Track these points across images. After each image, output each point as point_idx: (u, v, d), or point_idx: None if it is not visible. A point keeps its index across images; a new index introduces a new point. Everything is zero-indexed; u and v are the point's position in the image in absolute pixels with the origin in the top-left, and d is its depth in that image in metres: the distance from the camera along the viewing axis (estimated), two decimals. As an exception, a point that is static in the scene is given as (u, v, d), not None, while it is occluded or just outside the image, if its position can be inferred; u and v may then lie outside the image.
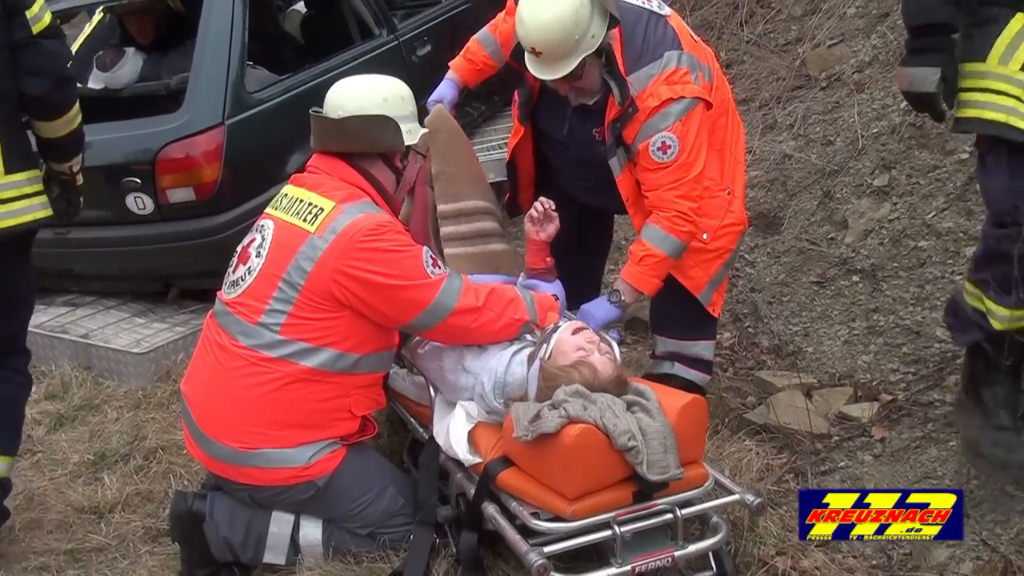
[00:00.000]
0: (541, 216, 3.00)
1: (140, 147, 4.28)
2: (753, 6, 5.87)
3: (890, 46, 4.85)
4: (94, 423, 3.87)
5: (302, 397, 2.62)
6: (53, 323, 4.58)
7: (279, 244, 2.66)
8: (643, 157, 2.96)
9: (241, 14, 4.45)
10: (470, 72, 3.50)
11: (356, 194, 2.69)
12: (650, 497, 2.40)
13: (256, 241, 2.75)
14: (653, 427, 2.37)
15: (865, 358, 3.74)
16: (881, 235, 4.14)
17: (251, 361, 2.61)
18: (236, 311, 2.68)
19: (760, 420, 3.45)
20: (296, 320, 2.59)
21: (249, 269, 2.70)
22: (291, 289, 2.59)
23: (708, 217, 3.10)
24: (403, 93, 2.84)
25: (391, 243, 2.60)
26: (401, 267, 2.59)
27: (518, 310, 2.77)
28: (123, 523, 3.18)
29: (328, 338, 2.61)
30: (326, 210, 2.62)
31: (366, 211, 2.63)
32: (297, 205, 2.70)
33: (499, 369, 2.66)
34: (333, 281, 2.56)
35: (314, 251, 2.57)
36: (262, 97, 4.46)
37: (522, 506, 2.43)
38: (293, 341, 2.59)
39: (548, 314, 2.85)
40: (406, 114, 2.81)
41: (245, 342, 2.63)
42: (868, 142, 4.51)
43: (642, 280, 3.04)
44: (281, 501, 2.72)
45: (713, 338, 3.43)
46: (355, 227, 2.57)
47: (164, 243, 4.36)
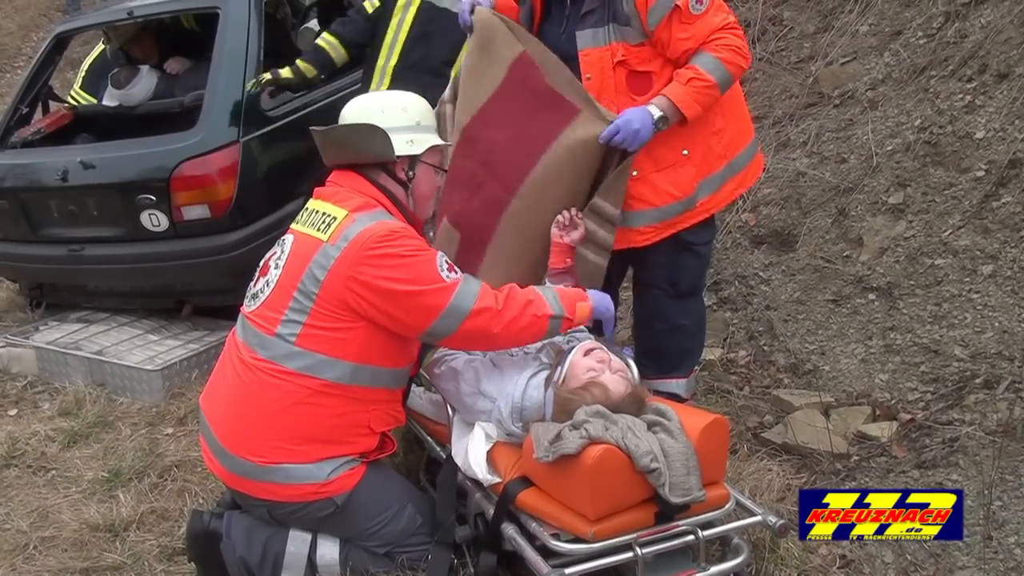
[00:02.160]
0: (567, 222, 2.96)
1: (155, 164, 4.31)
2: (765, 24, 5.88)
3: (903, 64, 4.85)
4: (108, 440, 3.87)
5: (321, 412, 2.60)
6: (67, 339, 4.59)
7: (295, 255, 2.66)
8: (683, 15, 2.85)
9: (256, 32, 4.48)
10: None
11: (369, 204, 2.68)
12: (672, 518, 2.37)
13: (276, 254, 2.76)
14: (675, 448, 2.35)
15: (882, 377, 3.71)
16: (897, 253, 4.13)
17: (270, 374, 2.61)
18: (255, 323, 2.68)
19: (778, 439, 3.43)
20: (312, 330, 2.58)
21: (267, 281, 2.71)
22: (306, 299, 2.58)
23: (693, 138, 3.02)
24: (406, 105, 2.80)
25: (403, 248, 2.57)
26: (414, 272, 2.56)
27: (541, 307, 2.67)
28: (138, 541, 3.16)
29: (343, 350, 2.59)
30: (338, 218, 2.62)
31: (378, 219, 2.62)
32: (313, 216, 2.71)
33: (515, 394, 2.64)
34: (347, 289, 2.55)
35: (327, 259, 2.56)
36: (277, 115, 4.49)
37: (542, 527, 2.41)
38: (310, 352, 2.58)
39: (577, 304, 2.73)
40: (404, 125, 2.75)
41: (263, 354, 2.63)
42: (882, 160, 4.50)
43: (686, 100, 2.89)
44: (300, 518, 2.70)
45: (687, 376, 3.34)
46: (367, 234, 2.56)
47: (179, 260, 4.38)
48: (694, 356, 3.41)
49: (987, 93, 4.28)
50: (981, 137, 4.16)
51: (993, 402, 3.34)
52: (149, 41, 5.29)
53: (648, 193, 3.05)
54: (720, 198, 3.15)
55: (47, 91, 5.19)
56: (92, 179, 4.43)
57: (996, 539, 2.76)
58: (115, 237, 4.51)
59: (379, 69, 4.45)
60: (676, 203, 3.07)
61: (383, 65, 4.45)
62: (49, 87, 5.22)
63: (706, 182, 3.09)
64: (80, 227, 4.59)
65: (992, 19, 4.53)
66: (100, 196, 4.47)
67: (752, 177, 3.27)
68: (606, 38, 2.94)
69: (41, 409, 4.24)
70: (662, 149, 3.00)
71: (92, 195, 4.49)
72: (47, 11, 11.98)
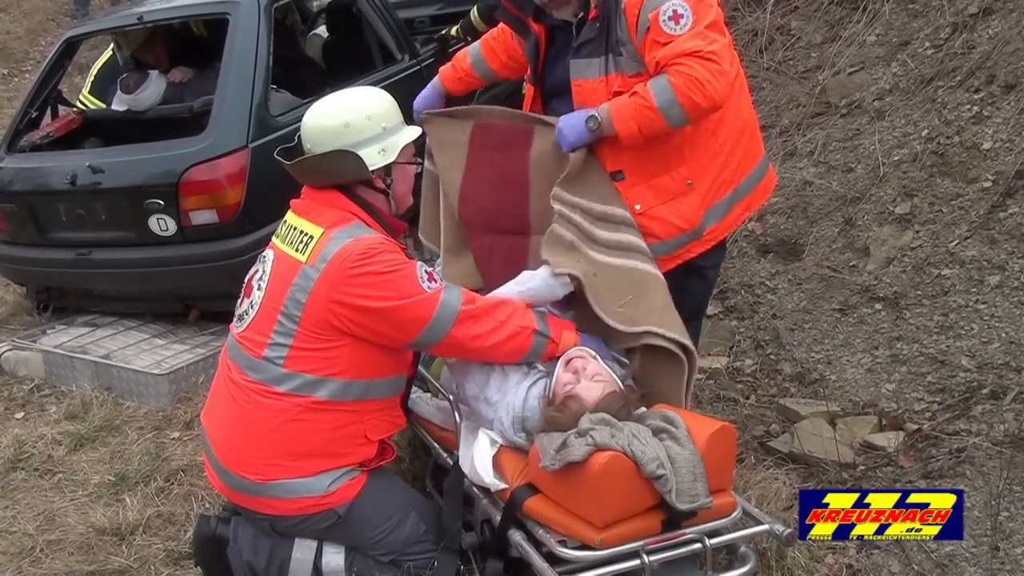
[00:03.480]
0: None
1: (164, 169, 4.33)
2: (773, 33, 5.89)
3: (911, 74, 4.85)
4: (115, 444, 3.88)
5: (315, 427, 2.59)
6: (73, 343, 4.60)
7: (276, 276, 2.63)
8: (655, 32, 2.66)
9: (266, 38, 4.49)
10: (452, 79, 3.51)
11: (345, 217, 2.63)
12: (679, 526, 2.37)
13: (258, 273, 2.73)
14: (682, 455, 2.35)
15: (889, 387, 3.71)
16: (904, 263, 4.12)
17: (261, 394, 2.59)
18: (243, 346, 2.66)
19: (784, 448, 3.42)
20: (299, 352, 2.57)
21: (252, 303, 2.69)
22: (290, 322, 2.56)
23: (698, 166, 2.92)
24: (369, 111, 2.68)
25: (382, 265, 2.53)
26: (395, 288, 2.53)
27: (526, 319, 2.67)
28: (144, 545, 3.17)
29: (332, 368, 2.57)
30: (315, 237, 2.58)
31: (355, 234, 2.58)
32: (291, 233, 2.67)
33: (516, 403, 2.64)
34: (329, 311, 2.52)
35: (307, 282, 2.54)
36: (285, 120, 4.49)
37: (549, 533, 2.41)
38: (298, 373, 2.57)
39: (564, 332, 2.73)
40: (372, 135, 2.67)
41: (253, 376, 2.62)
42: (889, 169, 4.50)
43: (621, 114, 2.73)
44: (302, 530, 2.69)
45: None
46: (344, 254, 2.52)
47: (186, 264, 4.39)
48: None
49: (994, 104, 4.28)
50: (988, 148, 4.17)
51: (1000, 413, 3.33)
52: (160, 46, 5.31)
53: (653, 227, 2.94)
54: (728, 223, 3.06)
55: (56, 95, 5.21)
56: (101, 183, 4.45)
57: (1003, 550, 2.76)
58: (123, 241, 4.52)
59: None
60: (682, 235, 2.97)
61: None
62: (58, 91, 5.24)
63: (712, 210, 2.99)
64: (88, 231, 4.60)
65: (1000, 30, 4.54)
66: (108, 200, 4.49)
67: (761, 198, 3.19)
68: (601, 69, 2.84)
69: (48, 412, 4.25)
70: (664, 180, 2.92)
71: (100, 199, 4.51)
72: (55, 15, 12.02)
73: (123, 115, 5.09)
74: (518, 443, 2.62)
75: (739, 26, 5.97)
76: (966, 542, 2.84)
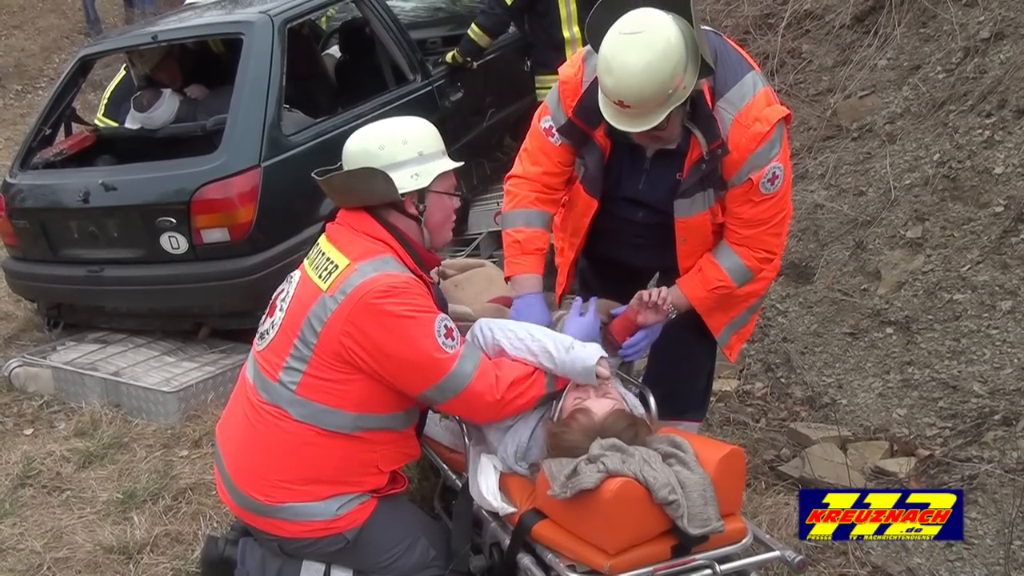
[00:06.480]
0: (650, 303, 2.80)
1: (176, 187, 4.34)
2: (784, 56, 5.90)
3: (922, 98, 4.86)
4: (123, 461, 3.87)
5: (326, 454, 2.57)
6: (83, 360, 4.61)
7: (297, 299, 2.61)
8: (752, 191, 2.69)
9: (279, 58, 4.52)
10: (538, 260, 3.06)
11: (374, 249, 2.57)
12: (689, 551, 2.36)
13: (283, 292, 2.72)
14: (692, 480, 2.34)
15: (900, 411, 3.69)
16: (915, 287, 4.11)
17: (275, 416, 2.58)
18: (261, 366, 2.65)
19: (795, 473, 3.41)
20: (312, 379, 2.54)
21: (273, 323, 2.68)
22: (305, 348, 2.54)
23: None
24: (406, 136, 2.63)
25: (402, 308, 2.45)
26: (407, 336, 2.46)
27: (536, 387, 2.63)
28: (152, 564, 3.16)
29: (344, 401, 2.54)
30: (340, 267, 2.54)
31: (382, 269, 2.52)
32: (319, 258, 2.64)
33: (524, 434, 2.64)
34: (340, 343, 2.49)
35: (324, 311, 2.51)
36: (298, 140, 4.52)
37: (558, 558, 2.39)
38: (310, 401, 2.54)
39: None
40: (406, 159, 2.61)
41: (267, 398, 2.61)
42: (901, 193, 4.50)
43: (705, 303, 2.87)
44: (311, 552, 2.68)
45: (700, 420, 3.25)
46: (365, 288, 2.47)
47: (197, 283, 4.40)
48: (708, 396, 3.34)
49: (1006, 128, 4.28)
50: (1000, 172, 4.16)
51: (1012, 439, 3.31)
52: (174, 66, 5.36)
53: None
54: (748, 329, 3.11)
55: (70, 113, 5.24)
56: (113, 201, 4.47)
57: (1016, 579, 2.74)
58: (134, 259, 4.54)
59: (568, 42, 5.29)
60: None
61: (569, 37, 5.30)
62: (72, 109, 5.27)
63: (731, 324, 3.02)
64: (100, 248, 4.62)
65: (1011, 55, 4.54)
66: (120, 218, 4.51)
67: None
68: (705, 203, 2.79)
69: (57, 429, 4.25)
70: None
71: (112, 217, 4.53)
72: (69, 33, 12.14)
73: (136, 133, 5.13)
74: (519, 472, 2.62)
75: (750, 49, 5.98)
76: (978, 571, 2.82)
